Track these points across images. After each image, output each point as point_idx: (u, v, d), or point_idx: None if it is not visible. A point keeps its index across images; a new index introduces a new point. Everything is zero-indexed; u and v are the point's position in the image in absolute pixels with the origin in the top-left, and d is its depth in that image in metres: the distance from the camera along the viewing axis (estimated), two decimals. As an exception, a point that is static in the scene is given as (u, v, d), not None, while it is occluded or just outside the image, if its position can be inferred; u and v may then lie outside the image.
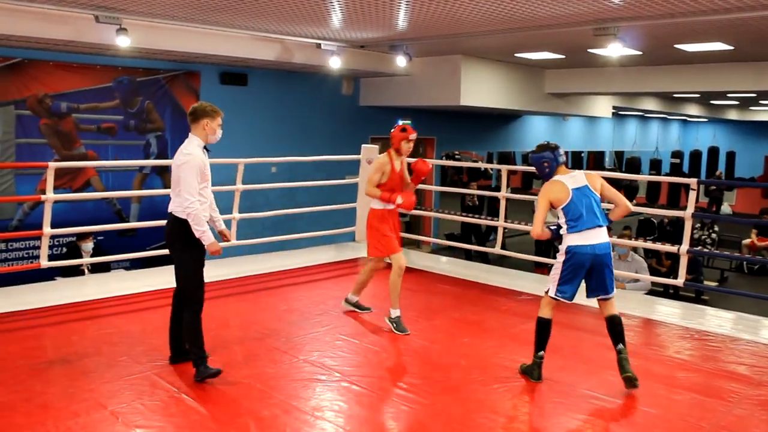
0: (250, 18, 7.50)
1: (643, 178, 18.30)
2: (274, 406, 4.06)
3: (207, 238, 4.45)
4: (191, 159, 4.41)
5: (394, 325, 5.51)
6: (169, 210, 4.56)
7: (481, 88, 11.37)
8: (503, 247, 7.79)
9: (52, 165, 6.40)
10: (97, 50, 8.50)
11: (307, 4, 6.69)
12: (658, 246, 7.63)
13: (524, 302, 6.57)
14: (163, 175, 9.90)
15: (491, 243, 11.20)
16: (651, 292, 8.08)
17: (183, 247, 4.51)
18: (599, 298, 4.59)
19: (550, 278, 4.60)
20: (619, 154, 23.61)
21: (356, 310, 6.01)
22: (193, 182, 4.41)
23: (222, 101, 10.14)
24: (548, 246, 12.23)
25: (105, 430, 3.73)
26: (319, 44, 9.17)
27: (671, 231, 12.22)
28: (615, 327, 4.53)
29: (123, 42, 7.34)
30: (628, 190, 21.00)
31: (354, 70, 10.66)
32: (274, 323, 5.68)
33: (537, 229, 4.50)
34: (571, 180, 4.52)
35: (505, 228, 7.86)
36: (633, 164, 22.28)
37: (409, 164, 5.88)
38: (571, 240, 4.41)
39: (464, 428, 3.88)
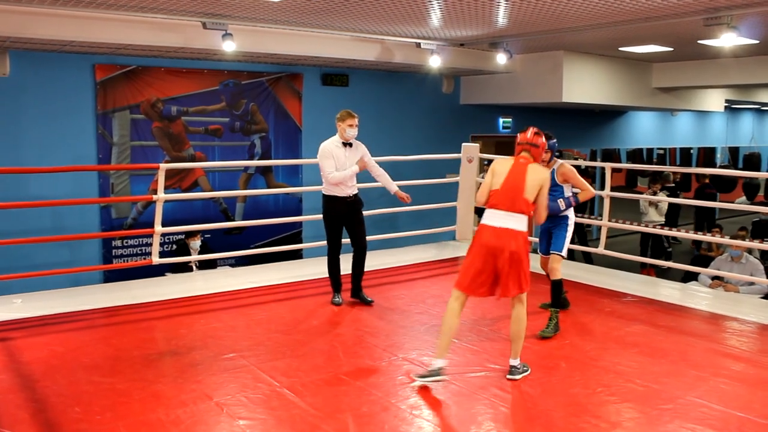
0: (351, 19, 7.60)
1: (762, 175, 17.29)
2: (373, 403, 4.10)
3: (351, 173, 5.96)
4: (321, 149, 5.97)
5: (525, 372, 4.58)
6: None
7: (584, 84, 11.07)
8: (607, 247, 7.56)
9: (163, 166, 6.73)
10: (204, 55, 8.86)
11: (407, 4, 6.71)
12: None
13: (629, 304, 6.36)
14: (266, 175, 10.18)
15: (594, 242, 10.90)
16: (767, 296, 7.63)
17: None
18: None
19: (567, 243, 5.59)
20: (733, 150, 22.41)
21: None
22: (325, 165, 5.89)
23: (324, 102, 10.48)
24: (654, 246, 11.80)
25: (210, 420, 3.88)
26: (419, 43, 9.18)
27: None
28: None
29: (229, 47, 7.59)
30: (748, 188, 19.86)
31: (454, 68, 10.61)
32: (374, 321, 5.74)
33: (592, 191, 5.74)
34: None
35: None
36: (752, 161, 21.05)
37: None
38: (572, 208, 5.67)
39: (563, 431, 3.80)
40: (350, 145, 6.01)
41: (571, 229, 5.65)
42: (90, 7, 6.75)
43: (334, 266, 6.24)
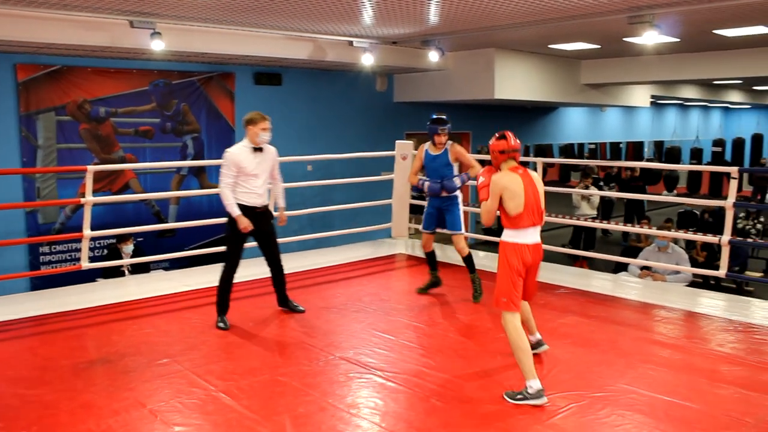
0: (282, 17, 7.54)
1: (683, 167, 17.91)
2: (310, 404, 4.08)
3: (233, 212, 5.44)
4: (225, 156, 5.48)
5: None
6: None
7: (515, 81, 11.27)
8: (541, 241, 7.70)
9: (91, 168, 6.52)
10: (132, 55, 8.65)
11: (338, 2, 6.70)
12: (700, 237, 7.47)
13: (562, 296, 6.50)
14: (199, 176, 10.02)
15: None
16: (692, 284, 7.92)
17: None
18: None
19: (462, 220, 6.19)
20: (658, 144, 23.19)
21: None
22: (224, 174, 5.44)
23: (257, 101, 10.37)
24: (587, 239, 12.09)
25: (144, 428, 3.79)
26: (351, 42, 9.18)
27: (712, 222, 11.94)
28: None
29: (157, 46, 7.43)
30: (668, 180, 20.58)
31: (387, 66, 10.65)
32: (310, 320, 5.71)
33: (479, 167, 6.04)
34: None
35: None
36: (672, 154, 21.89)
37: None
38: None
39: (499, 423, 3.86)
40: (260, 149, 5.54)
41: (461, 206, 6.24)
42: (8, 3, 6.51)
43: (226, 284, 5.63)
